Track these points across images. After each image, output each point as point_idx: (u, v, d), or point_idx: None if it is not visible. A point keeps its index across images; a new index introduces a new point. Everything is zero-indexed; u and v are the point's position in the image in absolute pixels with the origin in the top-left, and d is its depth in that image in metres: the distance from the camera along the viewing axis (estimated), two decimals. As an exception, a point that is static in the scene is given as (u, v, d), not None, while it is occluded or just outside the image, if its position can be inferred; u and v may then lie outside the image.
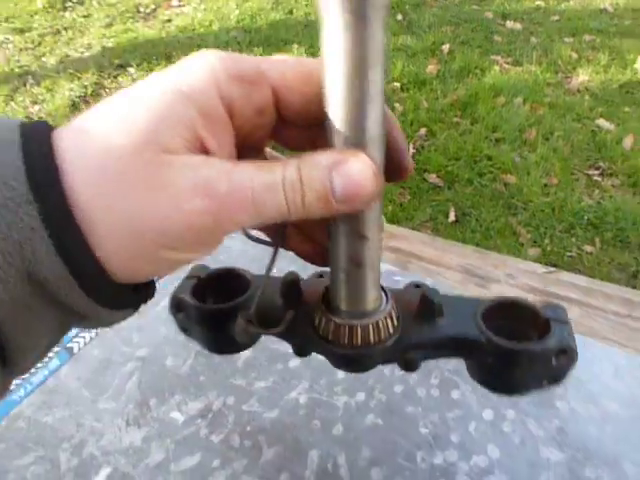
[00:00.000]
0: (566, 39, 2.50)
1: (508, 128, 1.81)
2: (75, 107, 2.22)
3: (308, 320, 0.31)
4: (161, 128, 0.20)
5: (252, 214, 0.21)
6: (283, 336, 0.32)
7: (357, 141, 0.22)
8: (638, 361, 0.43)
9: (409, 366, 0.33)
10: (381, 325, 0.29)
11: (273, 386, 0.44)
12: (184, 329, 0.35)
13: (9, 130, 0.20)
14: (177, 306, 0.34)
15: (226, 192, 0.20)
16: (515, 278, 0.52)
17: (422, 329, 0.31)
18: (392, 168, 0.25)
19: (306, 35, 2.61)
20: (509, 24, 2.65)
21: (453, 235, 1.43)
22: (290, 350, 0.33)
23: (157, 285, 0.25)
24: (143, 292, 0.23)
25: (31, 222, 0.18)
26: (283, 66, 0.22)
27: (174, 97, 0.20)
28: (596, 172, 1.61)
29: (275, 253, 0.29)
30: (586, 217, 1.46)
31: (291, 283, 0.32)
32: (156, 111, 0.20)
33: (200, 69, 0.21)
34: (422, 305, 0.31)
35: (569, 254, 1.37)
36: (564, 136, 1.78)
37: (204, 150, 0.21)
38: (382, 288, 0.31)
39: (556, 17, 2.72)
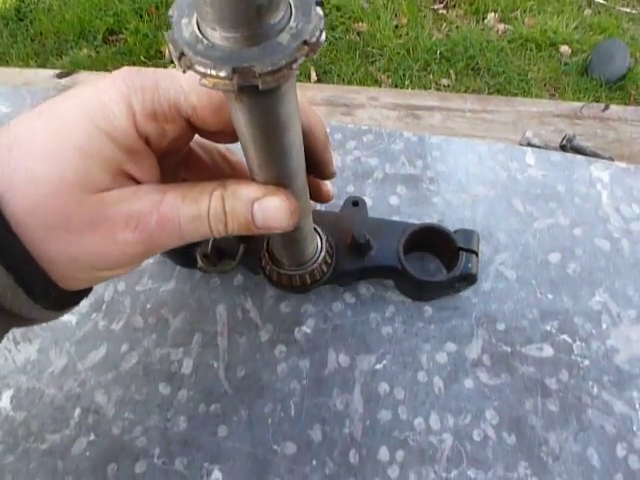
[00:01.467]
0: None
1: (351, -26, 1.74)
2: None
3: (257, 252, 0.35)
4: (92, 169, 0.21)
5: (179, 240, 0.23)
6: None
7: (277, 183, 0.23)
8: (497, 147, 0.46)
9: (342, 285, 0.40)
10: (316, 272, 0.34)
11: (161, 259, 0.42)
12: None
13: None
14: None
15: (155, 225, 0.22)
16: (378, 100, 0.52)
17: (353, 262, 0.36)
18: (317, 173, 0.28)
19: None
20: None
21: (320, 96, 1.41)
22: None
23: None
24: (84, 291, 0.26)
25: None
26: (196, 96, 0.22)
27: (100, 138, 0.21)
28: (441, 5, 1.63)
29: None
30: (438, 52, 1.50)
31: None
32: (85, 152, 0.21)
33: (118, 107, 0.21)
34: (353, 243, 0.36)
35: (429, 90, 1.43)
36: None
37: (131, 179, 0.23)
38: (317, 232, 0.35)
39: None
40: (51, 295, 0.23)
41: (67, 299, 0.24)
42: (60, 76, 0.52)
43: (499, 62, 1.47)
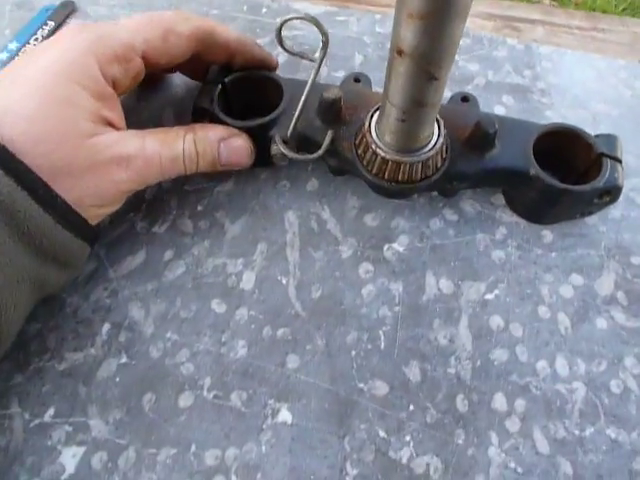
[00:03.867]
0: None
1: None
2: None
3: (349, 142, 0.29)
4: (78, 118, 0.24)
5: (160, 177, 0.28)
6: (321, 157, 0.29)
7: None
8: (618, 64, 0.39)
9: (447, 194, 0.32)
10: (430, 163, 0.27)
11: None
12: None
13: None
14: (201, 115, 0.31)
15: (142, 165, 0.26)
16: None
17: (470, 161, 0.29)
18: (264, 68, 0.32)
19: None
20: None
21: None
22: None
23: None
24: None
25: None
26: (145, 32, 0.28)
27: (77, 91, 0.24)
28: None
29: (318, 69, 0.27)
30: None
31: (331, 103, 0.28)
32: (69, 105, 0.24)
33: (85, 59, 0.25)
34: (475, 135, 0.28)
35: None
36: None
37: (108, 124, 0.26)
38: (436, 119, 0.27)
39: None
40: (65, 211, 0.24)
41: (82, 221, 0.25)
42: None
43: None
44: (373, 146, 0.27)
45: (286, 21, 0.25)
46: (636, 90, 0.37)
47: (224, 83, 0.31)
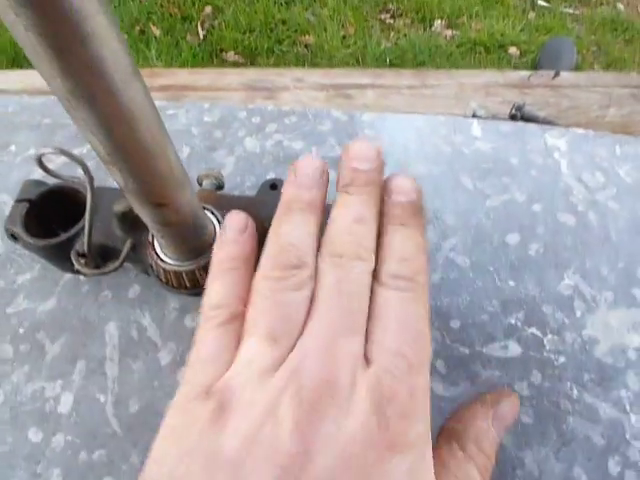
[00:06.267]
0: None
1: (294, -11, 1.71)
2: None
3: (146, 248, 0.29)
4: None
5: None
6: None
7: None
8: (437, 120, 0.41)
9: None
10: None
11: (42, 274, 0.34)
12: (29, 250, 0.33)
13: None
14: (12, 237, 0.31)
15: None
16: (303, 80, 0.46)
17: None
18: None
19: None
20: None
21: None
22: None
23: None
24: None
25: None
26: None
27: None
28: (387, 15, 1.61)
29: (92, 195, 0.27)
30: (388, 59, 1.47)
31: (122, 215, 0.29)
32: None
33: None
34: (265, 233, 0.28)
35: (359, 68, 1.39)
36: (352, -14, 1.74)
37: None
38: (214, 215, 0.28)
39: None
40: None
41: None
42: None
43: (449, 66, 1.45)
44: (154, 257, 0.27)
45: (42, 155, 0.25)
46: (456, 145, 0.39)
47: (32, 201, 0.31)
